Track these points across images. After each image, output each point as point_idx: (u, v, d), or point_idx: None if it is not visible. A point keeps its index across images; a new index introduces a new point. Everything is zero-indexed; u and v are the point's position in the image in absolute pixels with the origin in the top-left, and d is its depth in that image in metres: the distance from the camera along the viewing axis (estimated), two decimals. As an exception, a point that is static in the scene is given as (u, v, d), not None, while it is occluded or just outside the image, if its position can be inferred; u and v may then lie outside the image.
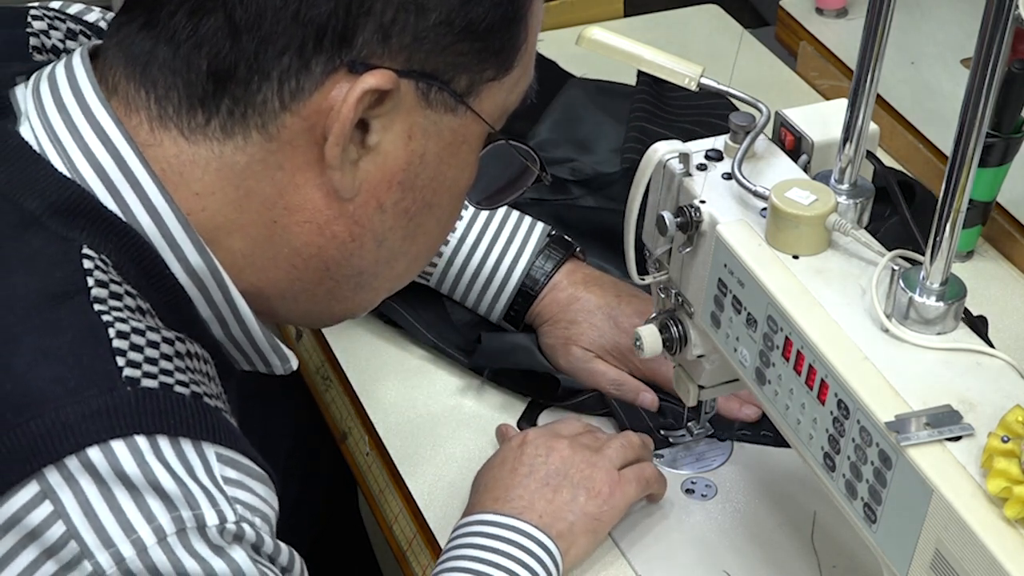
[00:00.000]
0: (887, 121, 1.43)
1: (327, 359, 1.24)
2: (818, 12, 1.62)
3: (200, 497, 0.72)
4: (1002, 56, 0.76)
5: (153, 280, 0.79)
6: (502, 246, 1.19)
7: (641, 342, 1.03)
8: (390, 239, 0.85)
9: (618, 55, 1.04)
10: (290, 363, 0.90)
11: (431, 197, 0.85)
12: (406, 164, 0.82)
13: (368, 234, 0.84)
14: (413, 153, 0.82)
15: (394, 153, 0.81)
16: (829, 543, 1.05)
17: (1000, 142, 1.21)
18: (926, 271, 0.83)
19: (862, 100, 0.91)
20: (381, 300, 0.92)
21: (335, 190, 0.81)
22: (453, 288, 1.21)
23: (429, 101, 0.81)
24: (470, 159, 0.86)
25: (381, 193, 0.82)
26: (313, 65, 0.77)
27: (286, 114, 0.78)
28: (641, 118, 1.43)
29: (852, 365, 0.82)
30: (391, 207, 0.83)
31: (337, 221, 0.82)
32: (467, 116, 0.83)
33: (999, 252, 1.33)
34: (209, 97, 0.78)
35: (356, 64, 0.77)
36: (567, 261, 1.20)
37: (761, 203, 0.92)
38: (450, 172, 0.85)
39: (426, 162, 0.83)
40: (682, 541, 1.06)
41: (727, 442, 1.14)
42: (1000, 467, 0.74)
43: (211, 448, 0.75)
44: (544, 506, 1.01)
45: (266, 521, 0.76)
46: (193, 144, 0.79)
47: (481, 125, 0.84)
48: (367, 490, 1.16)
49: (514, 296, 1.19)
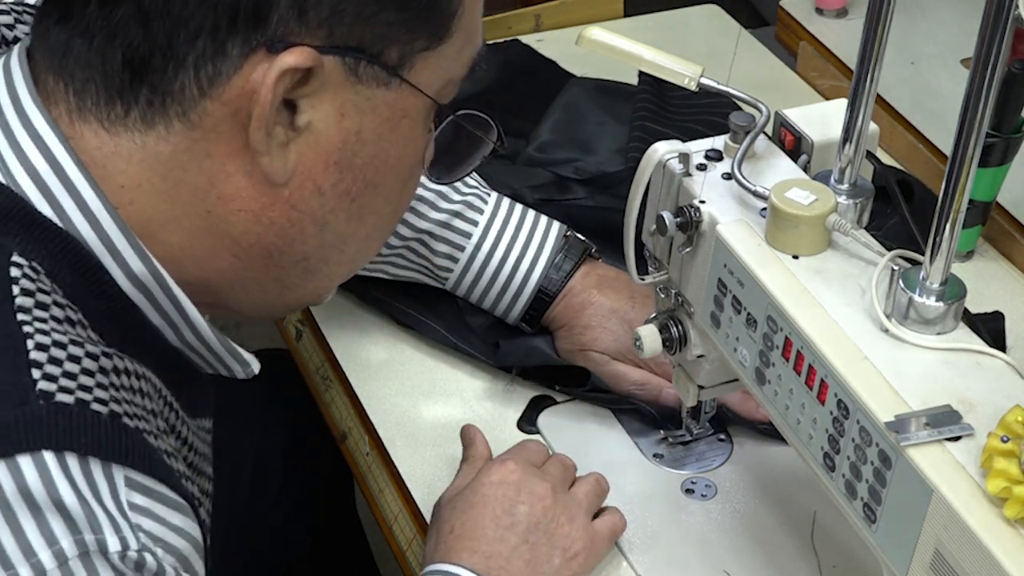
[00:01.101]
0: (887, 121, 1.43)
1: (327, 359, 1.24)
2: (818, 12, 1.62)
3: (103, 521, 0.69)
4: (1002, 56, 0.76)
5: (93, 288, 0.77)
6: (520, 249, 1.18)
7: (641, 342, 1.03)
8: (333, 222, 0.82)
9: (618, 55, 1.04)
10: (251, 367, 0.87)
11: (374, 176, 0.82)
12: (341, 143, 0.79)
13: (307, 219, 0.81)
14: (348, 131, 0.79)
15: (327, 133, 0.78)
16: (829, 543, 1.05)
17: (1000, 142, 1.21)
18: (926, 271, 0.83)
19: (862, 100, 0.91)
20: (337, 285, 0.89)
21: (267, 175, 0.78)
22: (470, 292, 1.21)
23: (359, 76, 0.77)
24: (413, 134, 0.83)
25: (317, 175, 0.79)
26: (229, 48, 0.74)
27: (206, 100, 0.75)
28: (644, 118, 1.43)
29: (852, 365, 0.82)
30: (330, 189, 0.80)
31: (273, 207, 0.79)
32: (403, 89, 0.79)
33: (999, 252, 1.33)
34: (127, 88, 0.76)
35: (274, 43, 0.74)
36: (582, 264, 1.20)
37: (761, 203, 0.92)
38: (392, 149, 0.82)
39: (363, 140, 0.80)
40: (682, 541, 1.06)
41: (727, 442, 1.14)
42: (1000, 467, 0.74)
43: (121, 471, 0.72)
44: (521, 567, 0.97)
45: (172, 552, 0.73)
46: (114, 136, 0.77)
47: (421, 98, 0.81)
48: (367, 490, 1.16)
49: (532, 300, 1.19)
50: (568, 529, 1.00)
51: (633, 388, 1.16)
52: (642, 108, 1.45)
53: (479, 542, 0.97)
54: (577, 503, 1.02)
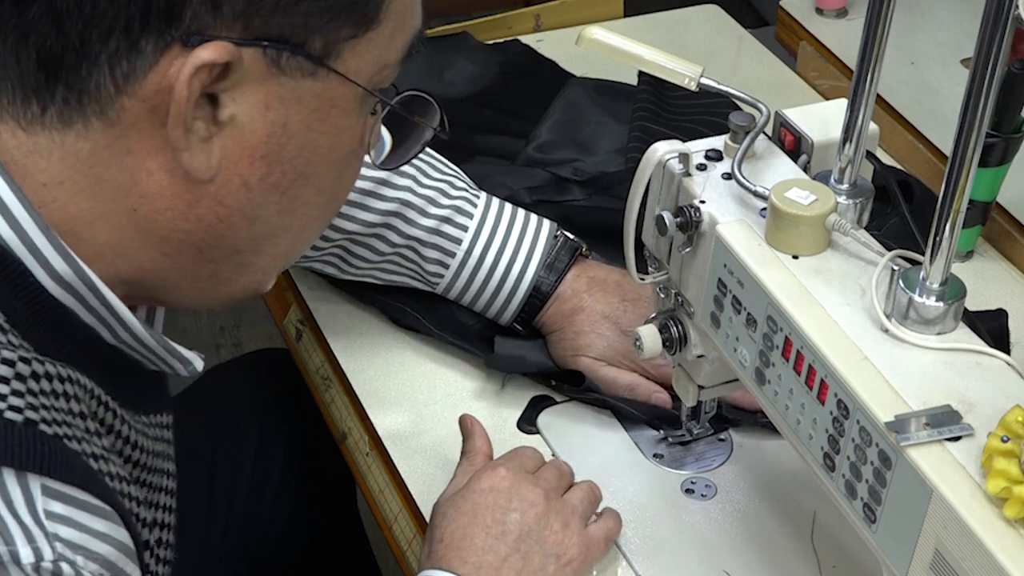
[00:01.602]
0: (887, 121, 1.43)
1: (327, 359, 1.24)
2: (818, 12, 1.62)
3: (16, 532, 0.68)
4: (1002, 56, 0.76)
5: (17, 291, 0.75)
6: (511, 251, 1.18)
7: (641, 342, 1.03)
8: (263, 216, 0.80)
9: (618, 55, 1.04)
10: (193, 365, 0.86)
11: (304, 167, 0.80)
12: (267, 137, 0.77)
13: (236, 214, 0.79)
14: (273, 124, 0.77)
15: (251, 126, 0.76)
16: (829, 543, 1.05)
17: (1000, 142, 1.21)
18: (926, 271, 0.83)
19: (862, 100, 0.91)
20: (275, 276, 0.88)
21: (189, 172, 0.76)
22: (463, 295, 1.20)
23: (282, 68, 0.76)
24: (345, 123, 0.81)
25: (243, 169, 0.78)
26: (143, 45, 0.73)
27: (123, 97, 0.74)
28: (644, 118, 1.43)
29: (852, 365, 0.82)
30: (258, 183, 0.78)
31: (200, 204, 0.78)
32: (331, 79, 0.78)
33: (999, 252, 1.33)
34: (43, 87, 0.74)
35: (189, 38, 0.73)
36: (573, 264, 1.19)
37: (761, 203, 0.92)
38: (323, 139, 0.80)
39: (290, 132, 0.78)
40: (682, 541, 1.06)
41: (727, 442, 1.14)
42: (1000, 467, 0.74)
43: (37, 480, 0.70)
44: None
45: (94, 559, 0.72)
46: (32, 135, 0.75)
47: (351, 87, 0.79)
48: (367, 490, 1.16)
49: (525, 301, 1.19)
50: (562, 536, 0.98)
51: (625, 392, 1.16)
52: (642, 108, 1.45)
53: (468, 552, 0.96)
54: (571, 509, 1.00)
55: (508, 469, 1.00)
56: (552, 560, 0.97)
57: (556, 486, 1.02)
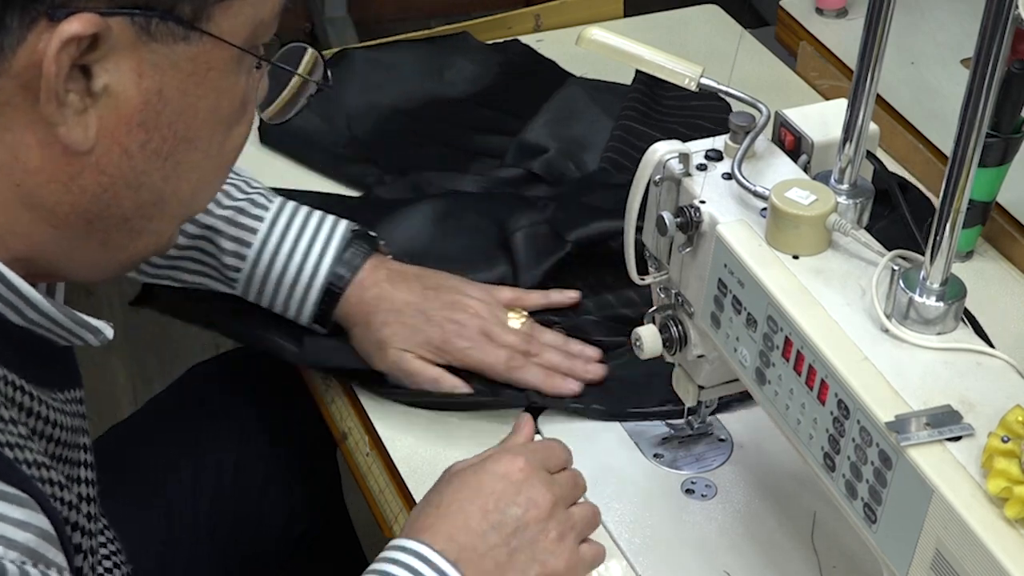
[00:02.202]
0: (887, 121, 1.43)
1: (327, 359, 1.24)
2: (818, 12, 1.62)
3: None
4: (1002, 56, 0.76)
5: None
6: (306, 244, 1.17)
7: (641, 342, 1.03)
8: (148, 182, 0.81)
9: (618, 55, 1.04)
10: (103, 334, 0.86)
11: (185, 131, 0.80)
12: (143, 104, 0.77)
13: (119, 182, 0.79)
14: (148, 91, 0.77)
15: (126, 95, 0.76)
16: (829, 543, 1.05)
17: (1000, 142, 1.21)
18: (926, 271, 0.83)
19: (862, 100, 0.91)
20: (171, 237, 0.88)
21: (68, 145, 0.76)
22: (261, 292, 1.18)
23: (152, 34, 0.75)
24: (225, 84, 0.81)
25: (122, 138, 0.78)
26: (8, 21, 0.73)
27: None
28: (630, 117, 1.43)
29: (852, 365, 0.82)
30: (138, 151, 0.79)
31: (82, 175, 0.78)
32: (205, 41, 0.78)
33: (999, 252, 1.33)
34: None
35: (55, 11, 0.72)
36: (371, 256, 1.18)
37: (761, 203, 0.92)
38: (202, 102, 0.80)
39: (166, 98, 0.78)
40: (682, 541, 1.06)
41: (727, 442, 1.14)
42: (1000, 467, 0.74)
43: None
44: (491, 568, 0.93)
45: (14, 547, 0.72)
46: None
47: (227, 47, 0.79)
48: (367, 490, 1.16)
49: (322, 296, 1.17)
50: (554, 546, 0.96)
51: (429, 386, 1.15)
52: (630, 108, 1.44)
53: (458, 529, 0.94)
54: (571, 524, 0.98)
55: (528, 462, 0.98)
56: (536, 565, 0.95)
57: (566, 496, 0.99)
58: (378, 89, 1.51)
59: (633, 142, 1.40)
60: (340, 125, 1.47)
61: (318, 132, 1.46)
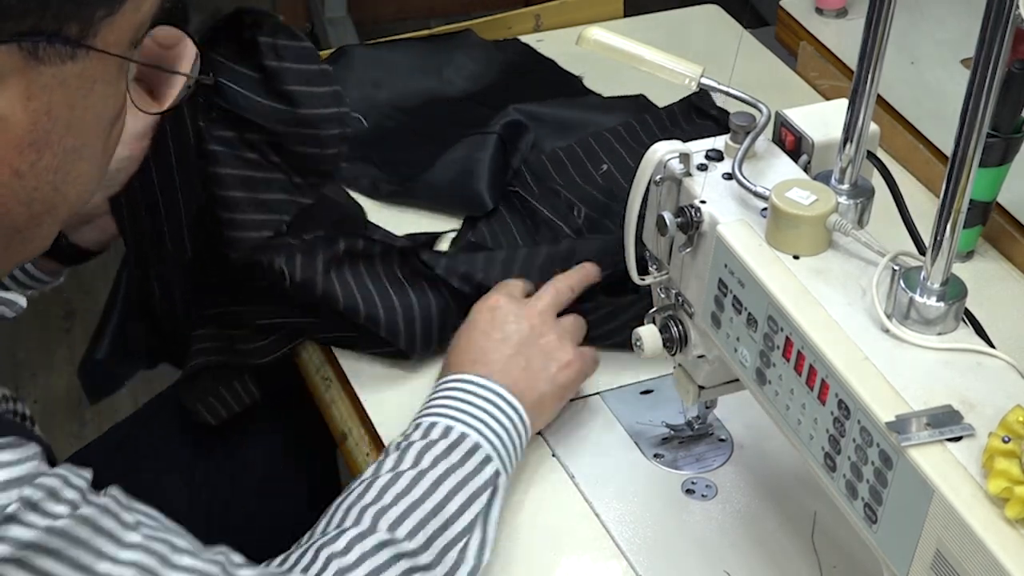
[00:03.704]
0: (887, 121, 1.43)
1: (327, 359, 1.24)
2: (818, 12, 1.62)
3: None
4: (1002, 56, 0.76)
5: None
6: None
7: (641, 342, 1.03)
8: (39, 196, 0.81)
9: (618, 55, 1.04)
10: (18, 304, 0.87)
11: (73, 143, 0.80)
12: (32, 126, 0.77)
13: (12, 200, 0.80)
14: (37, 112, 0.77)
15: (14, 119, 0.76)
16: (829, 543, 1.05)
17: (1000, 142, 1.21)
18: (927, 271, 0.83)
19: (862, 100, 0.91)
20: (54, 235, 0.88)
21: None
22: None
23: (40, 57, 0.75)
24: (109, 91, 0.81)
25: (13, 160, 0.78)
26: None
27: None
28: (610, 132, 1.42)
29: (852, 365, 0.82)
30: (29, 170, 0.79)
31: None
32: (91, 57, 0.78)
33: (999, 252, 1.33)
34: None
35: None
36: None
37: (761, 203, 0.92)
38: (88, 114, 0.80)
39: (55, 116, 0.78)
40: (682, 541, 1.06)
41: (727, 442, 1.14)
42: (1001, 467, 0.74)
43: None
44: (518, 374, 1.08)
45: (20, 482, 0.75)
46: None
47: (112, 59, 0.79)
48: (367, 490, 1.16)
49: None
50: (557, 345, 1.11)
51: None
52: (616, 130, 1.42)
53: (477, 353, 1.09)
54: (563, 328, 1.13)
55: (502, 295, 1.14)
56: (552, 363, 1.10)
57: (549, 305, 1.14)
58: (376, 87, 1.51)
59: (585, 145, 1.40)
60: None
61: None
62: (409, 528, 0.96)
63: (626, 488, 1.10)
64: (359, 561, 0.94)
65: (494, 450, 1.03)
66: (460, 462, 1.01)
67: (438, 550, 0.96)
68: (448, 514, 0.98)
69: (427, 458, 1.01)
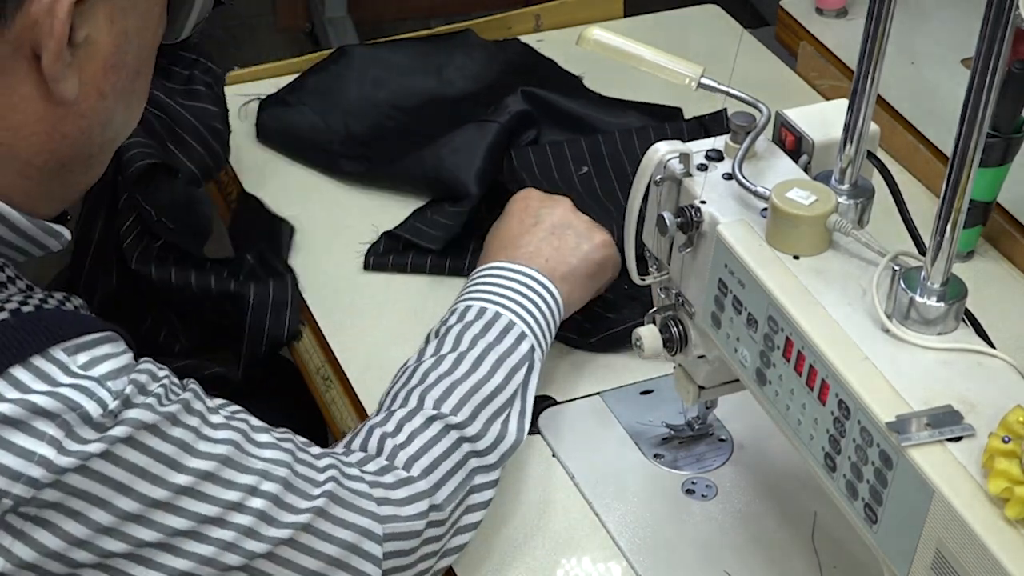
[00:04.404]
0: (887, 121, 1.43)
1: (327, 359, 1.24)
2: (818, 12, 1.62)
3: (74, 395, 0.77)
4: (1002, 56, 0.76)
5: None
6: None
7: (641, 342, 1.03)
8: (114, 120, 0.86)
9: (618, 55, 1.04)
10: (64, 236, 0.89)
11: (139, 65, 0.86)
12: (115, 47, 0.82)
13: (95, 124, 0.84)
14: (118, 34, 0.82)
15: (101, 41, 0.82)
16: (829, 543, 1.05)
17: (1000, 142, 1.21)
18: (927, 271, 0.83)
19: (862, 100, 0.91)
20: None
21: (59, 97, 0.81)
22: None
23: None
24: (158, 9, 0.87)
25: (100, 82, 0.83)
26: None
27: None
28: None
29: (853, 365, 0.82)
30: (111, 91, 0.84)
31: (64, 122, 0.82)
32: None
33: (999, 252, 1.33)
34: None
35: None
36: None
37: (761, 203, 0.92)
38: (148, 34, 0.86)
39: (130, 37, 0.83)
40: (682, 541, 1.06)
41: (727, 442, 1.14)
42: (1001, 467, 0.74)
43: (58, 349, 0.78)
44: (550, 252, 1.13)
45: (127, 370, 0.81)
46: None
47: None
48: (367, 490, 1.16)
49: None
50: (589, 228, 1.16)
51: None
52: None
53: (509, 240, 1.15)
54: (590, 220, 1.17)
55: (532, 192, 1.20)
56: (584, 242, 1.15)
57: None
58: (376, 86, 1.51)
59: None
60: (337, 122, 1.46)
61: (315, 129, 1.45)
62: (454, 403, 1.01)
63: (626, 488, 1.10)
64: (410, 438, 0.98)
65: (528, 327, 1.07)
66: (497, 339, 1.05)
67: (483, 421, 1.01)
68: (490, 389, 1.02)
69: (466, 339, 1.05)
